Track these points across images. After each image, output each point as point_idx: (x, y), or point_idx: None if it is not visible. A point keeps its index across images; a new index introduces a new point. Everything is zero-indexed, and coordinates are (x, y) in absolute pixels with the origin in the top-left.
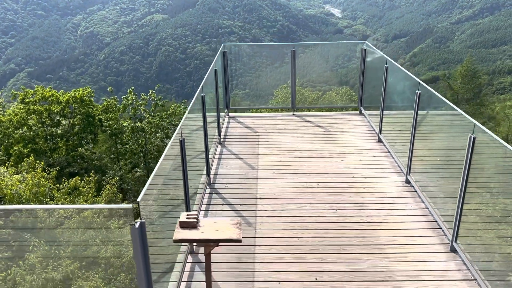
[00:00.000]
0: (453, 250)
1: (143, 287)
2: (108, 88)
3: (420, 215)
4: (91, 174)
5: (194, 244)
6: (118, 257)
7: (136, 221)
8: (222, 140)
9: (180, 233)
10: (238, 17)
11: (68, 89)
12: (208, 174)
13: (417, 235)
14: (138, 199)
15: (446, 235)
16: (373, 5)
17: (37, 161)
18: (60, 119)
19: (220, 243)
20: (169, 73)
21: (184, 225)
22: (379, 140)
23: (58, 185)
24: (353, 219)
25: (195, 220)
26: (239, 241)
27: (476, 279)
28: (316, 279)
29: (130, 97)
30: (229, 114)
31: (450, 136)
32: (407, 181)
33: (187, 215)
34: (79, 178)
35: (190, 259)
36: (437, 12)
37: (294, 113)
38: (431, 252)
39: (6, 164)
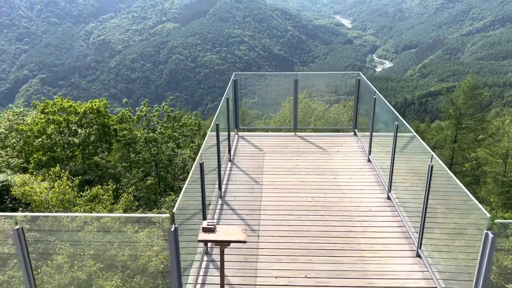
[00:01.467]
0: (418, 255)
1: (175, 277)
2: (124, 100)
3: (396, 226)
4: (109, 182)
5: (209, 245)
6: (134, 260)
7: (171, 226)
8: (232, 157)
9: (203, 235)
10: (249, 27)
11: (79, 95)
12: (220, 188)
13: (391, 242)
14: (174, 210)
15: (414, 243)
16: (383, 16)
17: (62, 170)
18: (77, 129)
19: (231, 243)
20: (179, 81)
21: (206, 230)
22: (369, 160)
23: (81, 193)
24: (339, 229)
25: (213, 226)
26: (245, 242)
27: (432, 279)
28: (305, 276)
29: (144, 109)
30: (238, 133)
31: (421, 160)
32: (388, 197)
33: (207, 222)
34: (100, 186)
35: (205, 258)
36: (448, 24)
37: (296, 133)
38: (401, 256)
39: (35, 173)
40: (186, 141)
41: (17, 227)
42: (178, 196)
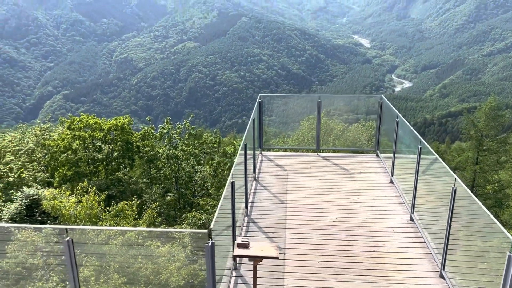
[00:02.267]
0: (441, 276)
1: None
2: (147, 118)
3: (419, 247)
4: (133, 198)
5: (238, 260)
6: (156, 274)
7: (208, 241)
8: (257, 176)
9: (238, 251)
10: (268, 46)
11: (100, 111)
12: (246, 206)
13: (415, 263)
14: (211, 226)
15: (437, 264)
16: (402, 36)
17: (90, 186)
18: (101, 145)
19: (264, 259)
20: (198, 99)
21: (240, 246)
22: (391, 182)
23: (107, 208)
24: (363, 249)
25: (247, 242)
26: (277, 258)
27: None
28: None
29: (166, 126)
30: (262, 152)
31: (444, 183)
32: (411, 219)
33: (242, 239)
34: (125, 202)
35: (234, 273)
36: (468, 44)
37: (319, 153)
38: (424, 277)
39: (63, 187)
40: (206, 158)
41: (68, 238)
42: (200, 212)
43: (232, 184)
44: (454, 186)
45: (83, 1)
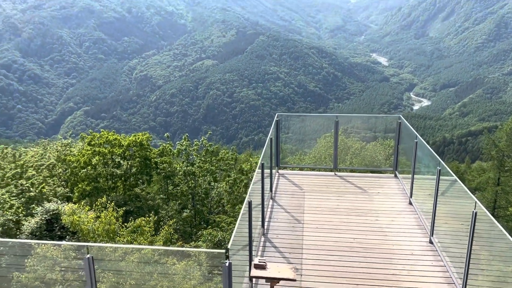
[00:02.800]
0: None
1: None
2: (165, 134)
3: (439, 271)
4: (151, 214)
5: (254, 281)
6: None
7: (225, 261)
8: (273, 195)
9: (255, 272)
10: (285, 64)
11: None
12: (263, 225)
13: (434, 287)
14: (228, 246)
15: None
16: (421, 54)
17: (108, 201)
18: (120, 161)
19: (281, 281)
20: (215, 116)
21: (257, 267)
22: (410, 203)
23: (125, 224)
24: (382, 271)
25: (265, 263)
26: (295, 280)
27: None
28: None
29: (184, 143)
30: (279, 171)
31: (464, 205)
32: (430, 241)
33: (259, 259)
34: (143, 218)
35: None
36: (488, 63)
37: (336, 173)
38: None
39: (82, 202)
40: (222, 175)
41: (88, 256)
42: (215, 230)
43: (249, 203)
44: (475, 209)
45: (106, 20)
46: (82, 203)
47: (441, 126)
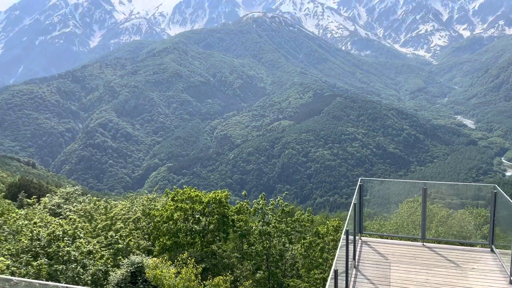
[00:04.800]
0: None
1: None
2: (243, 193)
3: None
4: (227, 273)
5: None
6: None
7: None
8: (357, 264)
9: None
10: (362, 125)
11: (198, 183)
12: None
13: None
14: None
15: None
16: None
17: (189, 257)
18: (200, 217)
19: None
20: (290, 175)
21: None
22: (511, 282)
23: (204, 282)
24: None
25: None
26: None
27: None
28: None
29: (261, 202)
30: (362, 238)
31: None
32: None
33: None
34: (221, 277)
35: None
36: None
37: (424, 243)
38: None
39: (165, 257)
40: (297, 237)
41: None
42: None
43: (335, 272)
44: None
45: (192, 83)
46: (165, 257)
47: None
